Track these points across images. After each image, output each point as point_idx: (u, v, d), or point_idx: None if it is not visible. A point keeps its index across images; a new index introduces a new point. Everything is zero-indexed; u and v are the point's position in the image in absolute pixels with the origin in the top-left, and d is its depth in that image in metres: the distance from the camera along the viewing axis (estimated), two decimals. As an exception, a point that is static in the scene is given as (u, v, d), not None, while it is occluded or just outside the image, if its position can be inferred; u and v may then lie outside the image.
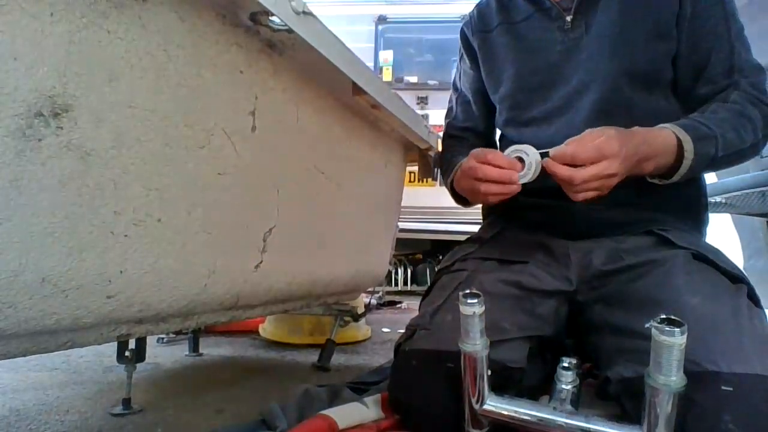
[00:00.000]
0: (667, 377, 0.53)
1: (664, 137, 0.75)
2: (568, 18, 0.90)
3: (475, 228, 1.09)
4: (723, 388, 0.59)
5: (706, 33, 0.84)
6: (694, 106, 0.85)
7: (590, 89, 0.88)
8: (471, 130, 1.14)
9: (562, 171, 0.71)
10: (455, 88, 1.18)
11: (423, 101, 3.66)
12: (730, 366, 0.60)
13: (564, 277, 0.85)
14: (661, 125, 0.78)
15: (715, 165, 0.80)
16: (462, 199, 0.98)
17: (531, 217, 0.92)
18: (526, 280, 0.84)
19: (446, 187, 1.05)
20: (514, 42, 0.97)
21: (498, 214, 1.02)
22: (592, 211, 0.83)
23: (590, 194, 0.72)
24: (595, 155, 0.70)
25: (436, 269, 0.99)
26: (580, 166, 0.70)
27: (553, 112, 0.91)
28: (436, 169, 1.37)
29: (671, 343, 0.51)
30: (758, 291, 0.75)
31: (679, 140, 0.75)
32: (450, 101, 1.21)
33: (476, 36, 1.05)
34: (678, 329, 0.51)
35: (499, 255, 0.91)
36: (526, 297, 0.83)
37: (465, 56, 1.10)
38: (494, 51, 1.01)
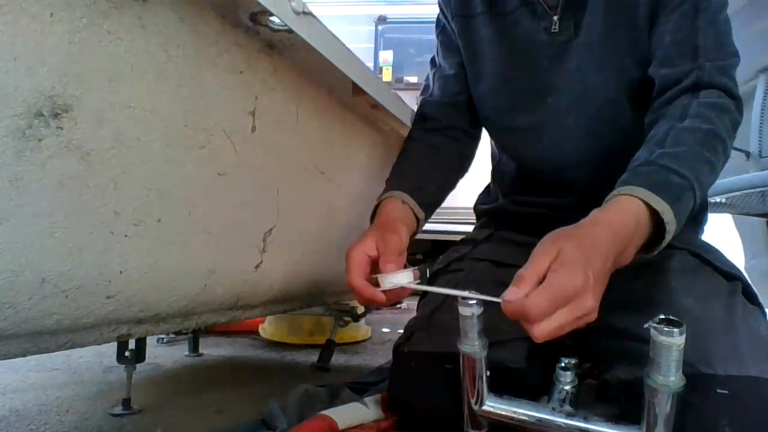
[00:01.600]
0: (666, 377, 0.53)
1: (629, 216, 0.60)
2: (555, 18, 0.84)
3: (475, 228, 1.09)
4: (719, 391, 0.59)
5: (668, 12, 0.76)
6: (654, 92, 0.77)
7: (580, 105, 0.83)
8: (450, 106, 0.98)
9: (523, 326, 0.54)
10: (433, 64, 1.03)
11: (423, 101, 3.66)
12: (726, 368, 0.60)
13: None
14: (625, 190, 0.62)
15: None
16: None
17: (524, 221, 0.92)
18: None
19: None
20: (498, 37, 0.89)
21: (490, 216, 1.02)
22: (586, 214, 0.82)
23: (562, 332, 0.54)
24: (553, 306, 0.52)
25: (432, 271, 0.99)
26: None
27: (539, 125, 0.87)
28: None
29: (670, 343, 0.51)
30: (759, 292, 0.75)
31: (653, 210, 0.60)
32: (426, 79, 1.05)
33: (456, 20, 0.94)
34: (677, 329, 0.51)
35: (494, 257, 0.90)
36: (524, 298, 0.82)
37: (447, 29, 0.98)
38: (476, 41, 0.92)
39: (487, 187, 1.08)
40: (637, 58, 0.80)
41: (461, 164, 1.01)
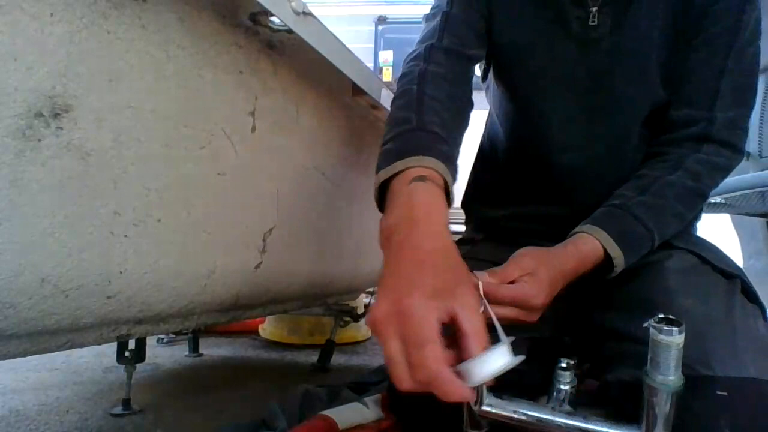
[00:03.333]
0: (665, 376, 0.53)
1: (588, 261, 0.69)
2: (594, 9, 0.74)
3: (475, 228, 1.08)
4: (718, 392, 0.59)
5: (703, 41, 0.73)
6: (660, 131, 0.78)
7: (601, 113, 0.78)
8: (462, 56, 0.77)
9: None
10: (435, 14, 0.81)
11: (423, 101, 3.65)
12: (725, 369, 0.60)
13: None
14: (593, 230, 0.69)
15: None
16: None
17: (522, 225, 0.91)
18: None
19: (376, 170, 0.61)
20: (527, 9, 0.78)
21: (483, 220, 0.97)
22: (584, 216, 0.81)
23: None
24: (512, 312, 0.63)
25: None
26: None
27: (554, 126, 0.81)
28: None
29: (669, 342, 0.51)
30: (758, 291, 0.75)
31: (607, 253, 0.68)
32: (427, 22, 0.83)
33: None
34: (676, 328, 0.51)
35: (493, 257, 0.89)
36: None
37: None
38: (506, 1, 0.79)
39: (478, 178, 0.99)
40: (667, 78, 0.76)
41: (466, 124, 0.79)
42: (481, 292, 0.62)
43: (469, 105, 0.79)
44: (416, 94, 0.69)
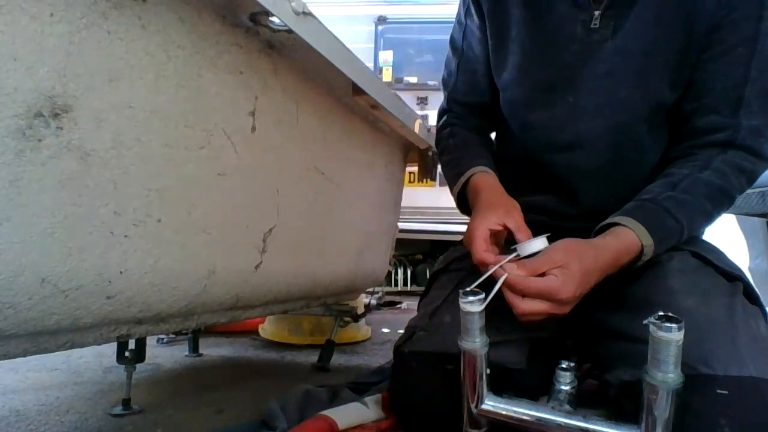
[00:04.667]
0: (665, 374, 0.53)
1: (627, 254, 0.69)
2: (597, 12, 0.76)
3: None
4: (718, 391, 0.59)
5: (722, 51, 0.73)
6: (681, 139, 0.79)
7: (604, 115, 0.79)
8: (475, 107, 0.96)
9: (509, 297, 0.66)
10: (455, 49, 0.95)
11: (423, 101, 3.66)
12: (725, 369, 0.60)
13: None
14: (628, 222, 0.70)
15: None
16: (468, 209, 0.86)
17: (528, 216, 0.90)
18: None
19: (451, 191, 0.90)
20: (529, 21, 0.82)
21: None
22: (586, 225, 0.81)
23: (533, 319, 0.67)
24: (542, 306, 0.65)
25: (432, 271, 0.98)
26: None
27: (556, 124, 0.83)
28: (437, 168, 1.20)
29: (669, 339, 0.51)
30: (762, 292, 0.75)
31: (641, 243, 0.69)
32: (447, 65, 0.99)
33: None
34: (676, 325, 0.51)
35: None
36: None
37: (473, 11, 0.89)
38: (505, 24, 0.84)
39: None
40: (676, 81, 0.76)
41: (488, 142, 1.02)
42: (500, 282, 0.65)
43: (488, 131, 1.00)
44: (450, 140, 0.96)
